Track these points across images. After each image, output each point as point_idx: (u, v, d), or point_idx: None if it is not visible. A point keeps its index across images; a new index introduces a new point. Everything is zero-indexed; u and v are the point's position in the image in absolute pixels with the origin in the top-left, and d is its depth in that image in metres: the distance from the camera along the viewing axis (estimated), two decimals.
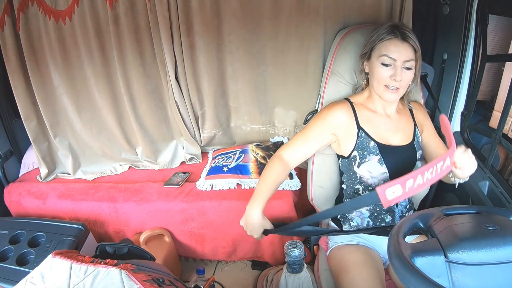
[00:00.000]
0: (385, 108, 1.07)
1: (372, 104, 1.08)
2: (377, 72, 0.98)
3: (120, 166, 1.73)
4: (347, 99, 1.10)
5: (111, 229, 1.53)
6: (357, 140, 1.05)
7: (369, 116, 1.06)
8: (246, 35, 1.42)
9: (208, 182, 1.47)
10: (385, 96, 0.99)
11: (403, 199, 0.98)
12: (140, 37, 1.45)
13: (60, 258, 0.80)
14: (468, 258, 0.60)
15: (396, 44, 0.94)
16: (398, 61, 0.94)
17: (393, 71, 0.95)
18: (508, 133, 1.69)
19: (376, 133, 1.05)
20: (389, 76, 0.96)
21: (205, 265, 1.65)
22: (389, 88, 0.97)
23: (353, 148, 1.06)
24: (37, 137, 1.63)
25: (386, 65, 0.96)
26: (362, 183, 1.09)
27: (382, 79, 0.97)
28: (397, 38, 0.94)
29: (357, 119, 1.05)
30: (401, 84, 0.96)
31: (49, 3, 1.40)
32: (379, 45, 0.97)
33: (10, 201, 1.57)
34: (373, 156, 1.04)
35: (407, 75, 0.96)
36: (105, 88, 1.55)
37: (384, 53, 0.95)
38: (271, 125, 1.66)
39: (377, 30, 0.98)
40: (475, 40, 1.19)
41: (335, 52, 1.21)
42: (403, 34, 0.94)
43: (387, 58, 0.95)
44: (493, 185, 1.08)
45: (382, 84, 0.98)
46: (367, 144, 1.04)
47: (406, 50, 0.94)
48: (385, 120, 1.07)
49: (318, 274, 1.20)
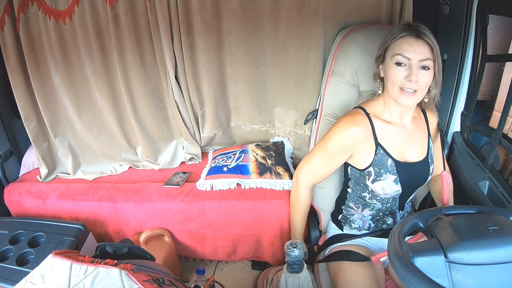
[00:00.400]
0: (401, 116, 1.00)
1: (388, 113, 1.00)
2: (391, 73, 0.90)
3: (120, 166, 1.73)
4: (361, 107, 1.01)
5: (111, 229, 1.53)
6: (375, 157, 0.99)
7: (386, 129, 0.99)
8: (246, 35, 1.42)
9: (208, 182, 1.47)
10: (401, 100, 0.91)
11: None
12: (140, 37, 1.45)
13: (60, 258, 0.80)
14: (468, 258, 0.60)
15: (410, 42, 0.87)
16: (413, 60, 0.86)
17: (408, 71, 0.87)
18: (508, 133, 1.69)
19: (393, 148, 1.00)
20: (404, 77, 0.88)
21: (205, 265, 1.65)
22: (404, 91, 0.89)
23: (370, 164, 1.00)
24: (37, 137, 1.63)
25: (400, 65, 0.88)
26: (370, 193, 1.07)
27: (397, 80, 0.89)
28: (411, 36, 0.87)
29: (375, 134, 0.98)
30: (418, 85, 0.88)
31: (49, 3, 1.40)
32: (392, 45, 0.90)
33: (10, 201, 1.57)
34: (390, 175, 0.99)
35: (424, 76, 0.88)
36: (105, 88, 1.55)
37: (398, 52, 0.88)
38: (271, 125, 1.66)
39: (391, 31, 0.92)
40: (475, 40, 1.19)
41: (336, 52, 1.21)
42: (417, 31, 0.86)
43: (401, 57, 0.87)
44: (493, 185, 1.08)
45: (397, 87, 0.90)
46: (385, 161, 0.99)
47: (422, 48, 0.86)
48: (401, 132, 1.01)
49: (318, 274, 1.20)
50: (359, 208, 1.12)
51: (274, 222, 1.38)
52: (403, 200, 1.08)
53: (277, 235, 1.40)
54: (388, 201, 1.08)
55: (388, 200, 1.07)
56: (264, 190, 1.42)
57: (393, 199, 1.08)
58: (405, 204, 1.11)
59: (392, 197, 1.07)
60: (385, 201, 1.08)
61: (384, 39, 0.94)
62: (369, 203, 1.09)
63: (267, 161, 1.50)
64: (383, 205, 1.09)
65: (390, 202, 1.08)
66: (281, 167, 1.49)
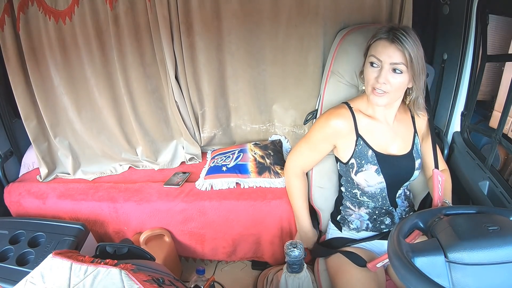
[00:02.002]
0: (384, 113, 1.05)
1: (372, 109, 1.05)
2: (366, 72, 0.96)
3: (120, 166, 1.73)
4: (346, 103, 1.07)
5: (111, 229, 1.53)
6: (355, 148, 1.04)
7: (368, 123, 1.04)
8: (246, 35, 1.42)
9: (207, 182, 1.47)
10: (372, 99, 0.96)
11: None
12: (140, 37, 1.45)
13: (60, 258, 0.80)
14: (468, 258, 0.60)
15: (384, 45, 0.91)
16: (385, 63, 0.91)
17: (379, 72, 0.92)
18: (508, 133, 1.69)
19: (375, 141, 1.04)
20: (375, 78, 0.93)
21: (205, 265, 1.65)
22: (375, 91, 0.94)
23: (351, 156, 1.05)
24: (37, 137, 1.63)
25: (373, 65, 0.93)
26: (360, 189, 1.10)
27: (369, 80, 0.95)
28: (387, 40, 0.90)
29: (356, 126, 1.04)
30: (387, 87, 0.92)
31: (49, 3, 1.40)
32: (372, 45, 0.95)
33: (10, 201, 1.57)
34: (371, 165, 1.03)
35: (395, 79, 0.92)
36: (105, 88, 1.55)
37: (372, 53, 0.93)
38: (271, 124, 1.66)
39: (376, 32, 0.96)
40: (475, 40, 1.19)
41: (335, 52, 1.21)
42: (395, 36, 0.89)
43: (374, 58, 0.92)
44: (493, 185, 1.08)
45: (370, 86, 0.95)
46: (365, 152, 1.03)
47: (394, 52, 0.89)
48: (384, 127, 1.05)
49: (318, 274, 1.20)
50: (356, 207, 1.13)
51: (274, 222, 1.38)
52: (392, 195, 1.10)
53: (277, 235, 1.40)
54: (376, 196, 1.09)
55: (375, 195, 1.09)
56: (264, 190, 1.42)
57: (381, 196, 1.09)
58: (397, 200, 1.11)
59: (379, 192, 1.08)
60: (374, 197, 1.09)
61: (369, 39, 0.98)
62: (362, 201, 1.12)
63: (266, 160, 1.50)
64: (375, 202, 1.11)
65: (380, 198, 1.10)
66: (280, 166, 1.49)
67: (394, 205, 1.11)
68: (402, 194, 1.13)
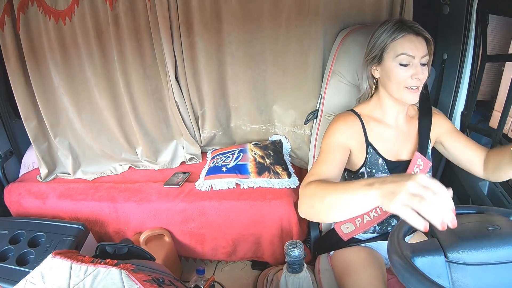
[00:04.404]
0: (396, 115, 0.99)
1: (381, 112, 0.99)
2: (396, 73, 0.89)
3: (120, 166, 1.73)
4: (352, 110, 1.01)
5: (111, 229, 1.53)
6: (367, 157, 0.98)
7: (378, 129, 0.98)
8: (246, 35, 1.42)
9: (207, 182, 1.47)
10: (407, 98, 0.90)
11: (358, 233, 1.02)
12: (140, 37, 1.45)
13: (60, 258, 0.80)
14: (468, 258, 0.59)
15: (411, 40, 0.86)
16: (417, 58, 0.86)
17: (414, 69, 0.87)
18: (508, 133, 1.68)
19: (385, 148, 0.99)
20: (410, 76, 0.87)
21: (205, 265, 1.65)
22: (410, 89, 0.89)
23: (362, 164, 0.99)
24: (37, 137, 1.64)
25: (405, 65, 0.87)
26: None
27: (403, 80, 0.88)
28: (411, 34, 0.86)
29: (366, 134, 0.97)
30: (420, 82, 0.89)
31: (49, 3, 1.40)
32: (392, 45, 0.88)
33: (10, 201, 1.57)
34: (382, 174, 0.98)
35: (425, 72, 0.89)
36: (105, 88, 1.55)
37: (401, 52, 0.86)
38: (271, 124, 1.66)
39: (382, 30, 0.90)
40: (475, 40, 1.19)
41: (337, 52, 1.21)
42: (415, 28, 0.86)
43: (406, 56, 0.86)
44: (493, 185, 1.08)
45: (403, 86, 0.89)
46: (375, 161, 0.98)
47: (422, 44, 0.86)
48: (394, 132, 0.99)
49: (319, 274, 1.19)
50: None
51: (274, 222, 1.38)
52: None
53: (277, 235, 1.40)
54: None
55: None
56: (263, 190, 1.42)
57: None
58: None
59: None
60: None
61: (378, 39, 0.91)
62: None
63: (266, 160, 1.50)
64: None
65: None
66: (280, 166, 1.49)
67: None
68: None
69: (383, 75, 0.93)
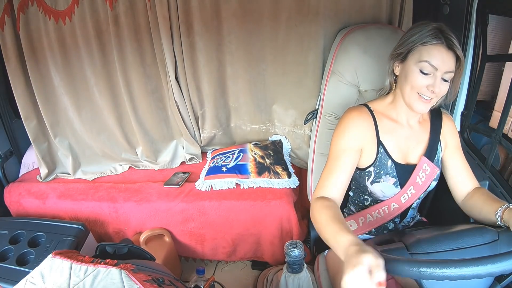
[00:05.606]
0: (408, 117, 0.96)
1: (395, 111, 0.96)
2: (414, 78, 0.86)
3: (120, 166, 1.73)
4: (366, 105, 0.97)
5: (111, 229, 1.53)
6: (377, 156, 0.95)
7: (390, 127, 0.95)
8: (246, 35, 1.42)
9: (207, 182, 1.47)
10: (416, 106, 0.87)
11: (360, 234, 1.05)
12: (140, 37, 1.45)
13: (60, 258, 0.81)
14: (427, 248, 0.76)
15: (440, 51, 0.82)
16: (439, 71, 0.83)
17: (432, 80, 0.84)
18: (508, 133, 1.68)
19: (396, 148, 0.96)
20: (426, 86, 0.84)
21: (205, 265, 1.65)
22: (422, 97, 0.86)
23: (371, 164, 0.95)
24: (37, 137, 1.64)
25: (425, 73, 0.84)
26: (371, 196, 1.03)
27: (418, 87, 0.85)
28: (443, 45, 0.82)
29: (378, 131, 0.94)
30: (435, 95, 0.85)
31: (49, 3, 1.40)
32: (420, 48, 0.84)
33: (10, 201, 1.57)
34: (390, 177, 0.96)
35: (444, 87, 0.85)
36: (105, 88, 1.55)
37: (426, 59, 0.83)
38: (271, 124, 1.66)
39: (418, 30, 0.85)
40: (475, 40, 1.19)
41: (336, 51, 1.21)
42: (449, 41, 0.81)
43: (429, 65, 0.83)
44: (493, 185, 1.08)
45: (416, 92, 0.86)
46: (385, 163, 0.95)
47: (450, 59, 0.82)
48: (406, 132, 0.96)
49: (318, 274, 1.19)
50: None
51: (274, 222, 1.38)
52: (406, 208, 1.03)
53: (277, 235, 1.40)
54: None
55: None
56: (263, 190, 1.42)
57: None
58: (409, 210, 1.05)
59: None
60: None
61: (410, 38, 0.87)
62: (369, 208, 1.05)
63: (266, 160, 1.50)
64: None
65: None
66: (280, 166, 1.49)
67: (404, 214, 1.05)
68: (415, 204, 1.06)
69: (401, 74, 0.91)
